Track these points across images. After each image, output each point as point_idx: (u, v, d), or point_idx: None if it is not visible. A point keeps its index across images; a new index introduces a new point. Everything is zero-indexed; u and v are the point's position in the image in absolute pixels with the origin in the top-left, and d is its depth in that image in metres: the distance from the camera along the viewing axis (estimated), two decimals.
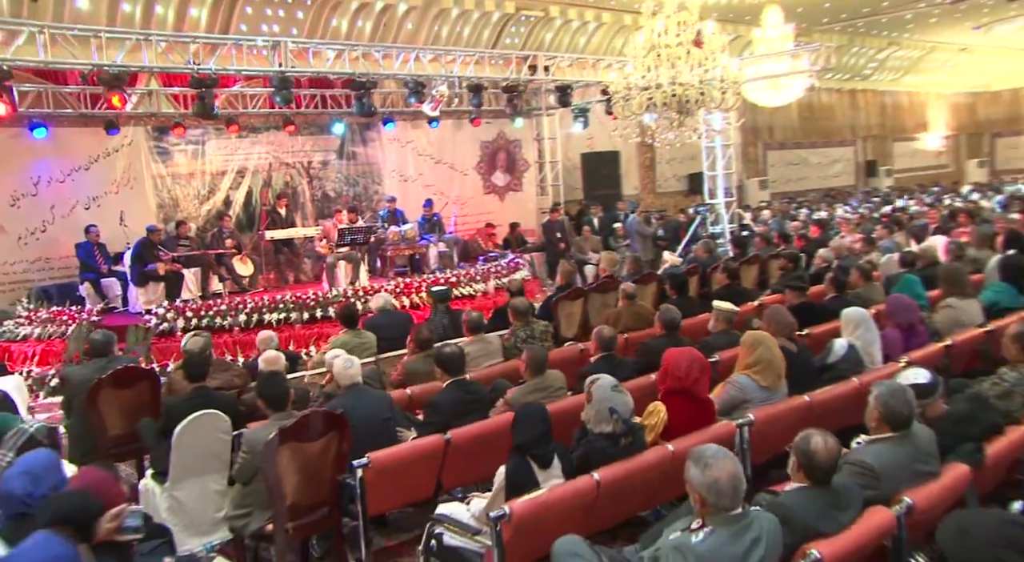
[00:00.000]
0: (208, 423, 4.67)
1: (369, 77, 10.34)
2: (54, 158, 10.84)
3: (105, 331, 6.02)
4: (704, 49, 7.43)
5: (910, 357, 5.36)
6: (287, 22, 12.06)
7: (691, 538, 2.58)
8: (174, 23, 11.02)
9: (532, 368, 4.97)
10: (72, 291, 10.72)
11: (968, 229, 10.37)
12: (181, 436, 4.59)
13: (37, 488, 3.16)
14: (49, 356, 9.31)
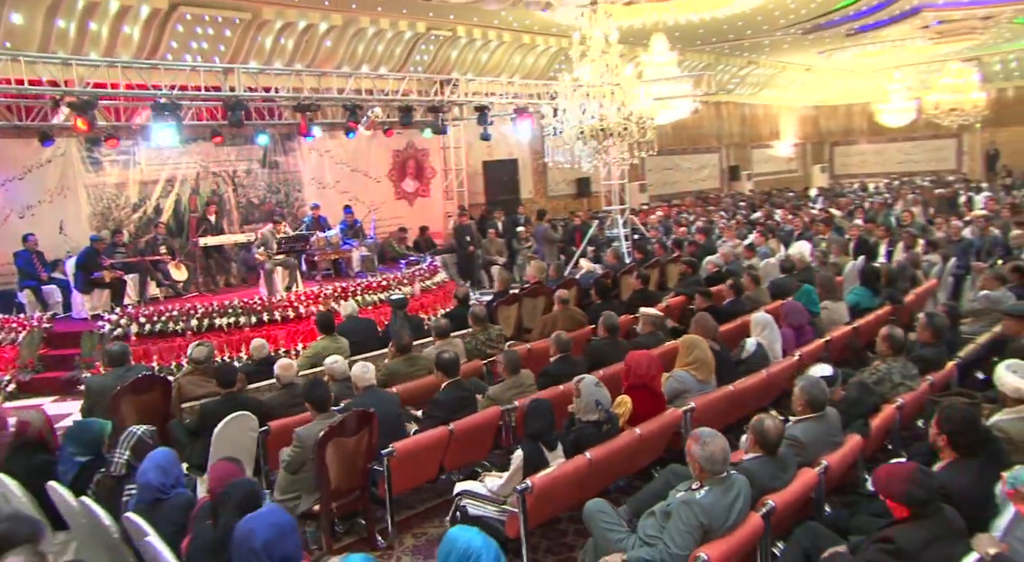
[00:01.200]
0: (241, 422, 5.44)
1: (313, 101, 11.00)
2: None
3: (121, 343, 6.62)
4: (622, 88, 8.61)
5: (801, 352, 6.74)
6: (215, 39, 12.47)
7: (695, 495, 3.67)
8: (108, 39, 11.28)
9: (509, 368, 5.99)
10: (11, 298, 10.86)
11: (826, 235, 12.13)
12: (220, 433, 5.34)
13: (167, 479, 3.97)
14: (1, 363, 9.50)
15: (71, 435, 4.61)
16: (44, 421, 4.80)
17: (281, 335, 10.25)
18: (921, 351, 5.85)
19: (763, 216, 15.69)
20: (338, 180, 14.98)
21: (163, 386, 6.27)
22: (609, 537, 3.86)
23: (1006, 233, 10.49)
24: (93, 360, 9.65)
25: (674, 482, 4.45)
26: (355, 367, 5.61)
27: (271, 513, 3.11)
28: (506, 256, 15.48)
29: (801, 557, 3.57)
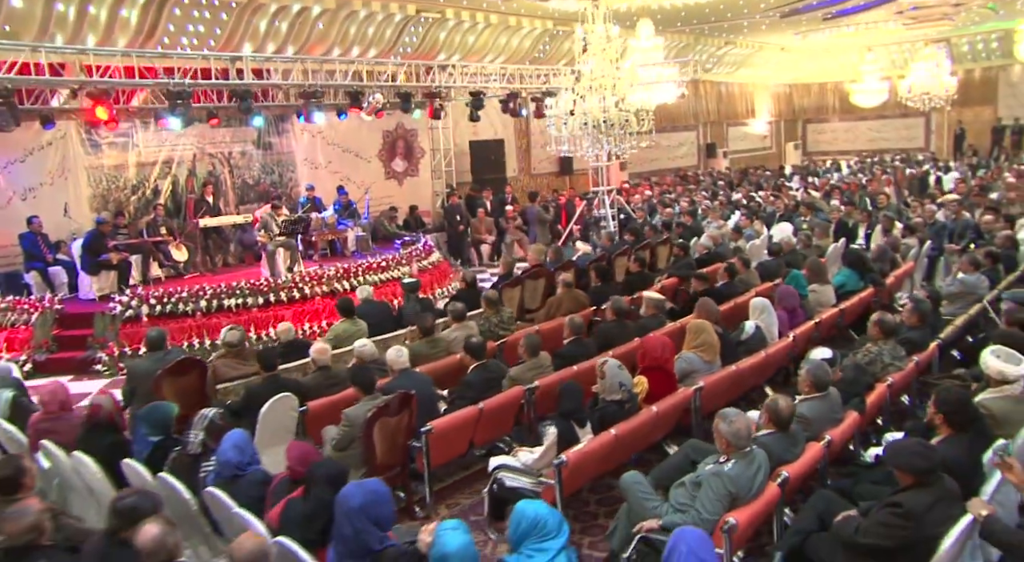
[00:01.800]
0: (284, 403, 5.83)
1: (318, 88, 11.26)
2: None
3: (159, 328, 6.94)
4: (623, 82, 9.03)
5: (794, 333, 7.27)
6: (211, 23, 12.62)
7: (723, 468, 4.15)
8: (106, 23, 11.39)
9: (529, 351, 6.44)
10: (17, 280, 11.05)
11: (808, 218, 12.69)
12: (266, 413, 5.73)
13: (243, 457, 4.38)
14: (15, 343, 9.76)
15: (143, 417, 4.99)
16: (113, 404, 5.16)
17: (287, 315, 10.58)
18: (908, 334, 6.38)
19: (743, 197, 16.23)
20: (330, 160, 15.24)
21: (200, 368, 6.62)
22: (646, 505, 4.34)
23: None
24: (106, 340, 9.95)
25: (693, 455, 4.96)
26: (390, 351, 6.02)
27: (370, 482, 3.54)
28: (495, 234, 15.89)
29: (815, 520, 4.07)
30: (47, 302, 10.32)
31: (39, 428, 5.30)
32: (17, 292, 10.90)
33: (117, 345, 9.86)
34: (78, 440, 5.06)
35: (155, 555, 3.18)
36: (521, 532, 3.40)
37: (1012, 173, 16.63)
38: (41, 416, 5.37)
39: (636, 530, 4.25)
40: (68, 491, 5.35)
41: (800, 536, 4.05)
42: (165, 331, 6.89)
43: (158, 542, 3.19)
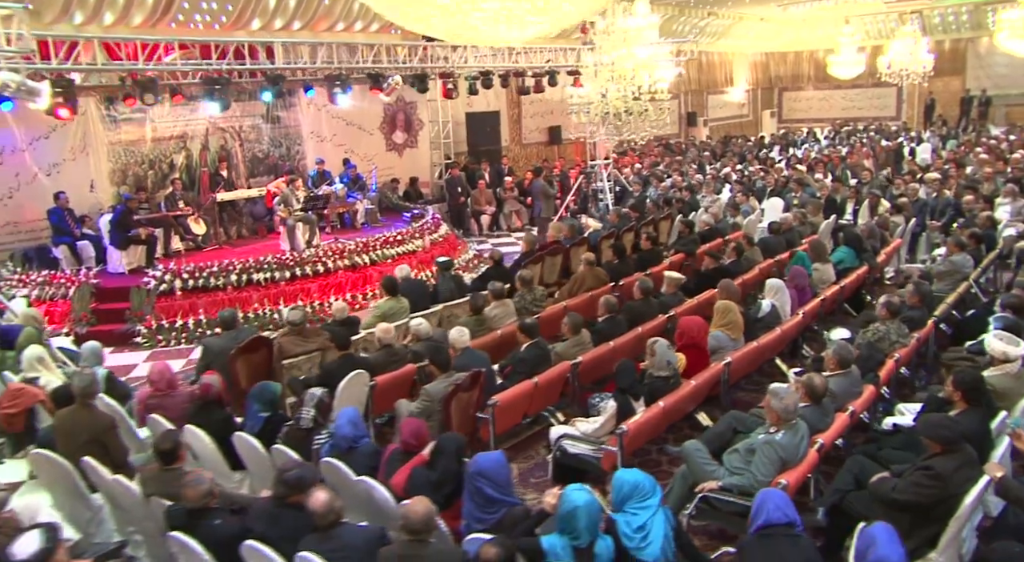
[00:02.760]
0: (359, 379, 6.43)
1: (343, 72, 11.65)
2: (16, 128, 11.31)
3: (231, 309, 7.46)
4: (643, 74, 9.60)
5: (803, 310, 8.01)
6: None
7: (775, 437, 4.86)
8: (124, 2, 11.58)
9: (572, 329, 7.11)
10: (46, 254, 11.42)
11: (798, 195, 13.43)
12: (344, 388, 6.32)
13: (357, 431, 5.00)
14: (55, 316, 10.18)
15: (255, 395, 5.58)
16: (220, 383, 5.73)
17: (314, 288, 11.15)
18: (909, 313, 7.14)
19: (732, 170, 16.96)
20: (335, 133, 15.62)
21: (267, 346, 7.18)
22: (705, 469, 5.05)
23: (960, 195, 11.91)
24: (143, 314, 10.42)
25: (735, 424, 5.69)
26: (453, 331, 6.64)
27: (496, 453, 4.21)
28: (494, 205, 16.45)
29: (852, 481, 4.81)
30: (83, 276, 10.73)
31: (148, 404, 5.86)
32: (47, 266, 11.31)
33: (154, 318, 10.34)
34: (190, 416, 5.63)
35: (326, 516, 3.81)
36: (623, 495, 4.08)
37: (983, 148, 17.50)
38: (150, 392, 5.92)
39: (698, 490, 4.97)
40: None
41: (840, 494, 4.79)
42: (235, 310, 7.41)
43: (328, 506, 3.82)
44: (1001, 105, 25.78)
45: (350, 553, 3.75)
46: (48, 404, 6.46)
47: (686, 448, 5.22)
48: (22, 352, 7.00)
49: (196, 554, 4.07)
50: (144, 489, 4.68)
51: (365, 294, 11.36)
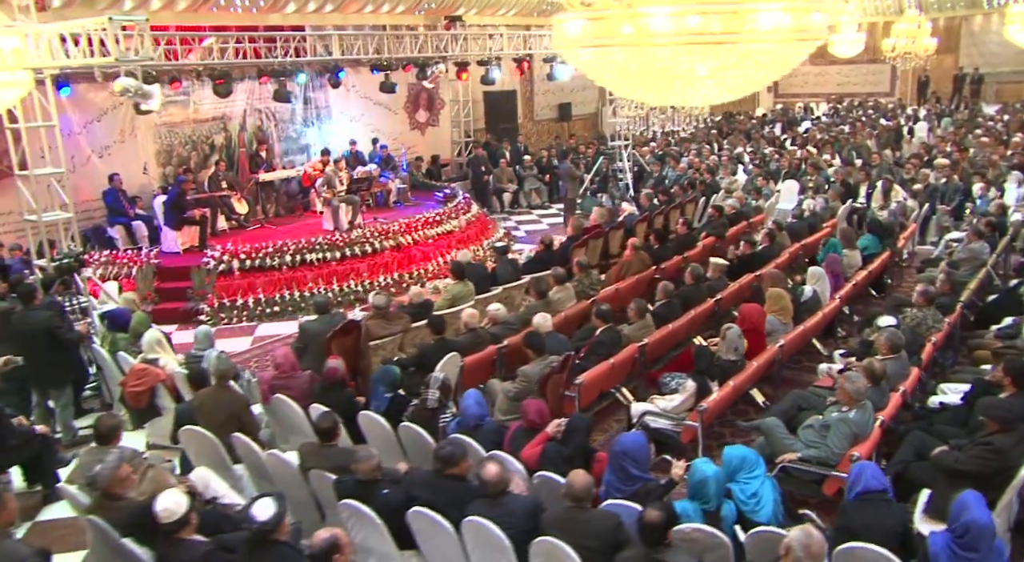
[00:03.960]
0: (454, 361, 7.08)
1: (392, 61, 12.14)
2: (71, 112, 11.71)
3: (323, 294, 8.09)
4: None
5: (840, 295, 8.75)
6: None
7: (848, 415, 5.59)
8: None
9: (638, 313, 7.79)
10: (101, 234, 11.90)
11: (813, 179, 14.13)
12: (441, 369, 6.97)
13: (482, 410, 5.68)
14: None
15: (379, 377, 6.25)
16: (343, 366, 6.36)
17: (363, 268, 11.74)
18: (940, 300, 7.88)
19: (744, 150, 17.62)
20: (363, 113, 16.10)
21: (358, 329, 7.80)
22: (784, 442, 5.78)
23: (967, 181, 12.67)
24: (205, 293, 10.98)
25: (800, 402, 6.43)
26: (537, 317, 7.31)
27: (638, 434, 4.91)
28: (516, 183, 17.03)
29: (913, 454, 5.56)
30: (144, 256, 11.24)
31: (273, 385, 6.48)
32: (103, 245, 11.80)
33: (216, 297, 10.90)
34: (316, 396, 6.26)
35: (497, 485, 4.47)
36: (734, 468, 4.80)
37: (983, 130, 18.27)
38: (275, 374, 6.54)
39: (779, 461, 5.70)
40: (291, 434, 6.60)
41: (902, 464, 5.54)
42: (328, 296, 8.02)
43: (499, 476, 4.49)
44: (993, 82, 26.56)
45: (513, 519, 4.43)
46: (169, 383, 7.11)
47: (766, 424, 5.95)
48: (137, 334, 7.58)
49: (369, 519, 4.74)
50: (303, 463, 5.32)
51: (411, 273, 11.97)
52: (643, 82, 3.41)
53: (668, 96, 3.63)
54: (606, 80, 3.75)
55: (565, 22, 3.44)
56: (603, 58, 3.38)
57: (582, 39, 3.35)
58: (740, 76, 3.36)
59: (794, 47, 3.30)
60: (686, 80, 3.23)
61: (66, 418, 7.46)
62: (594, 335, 7.63)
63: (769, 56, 3.23)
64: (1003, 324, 7.97)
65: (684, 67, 3.13)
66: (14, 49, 6.77)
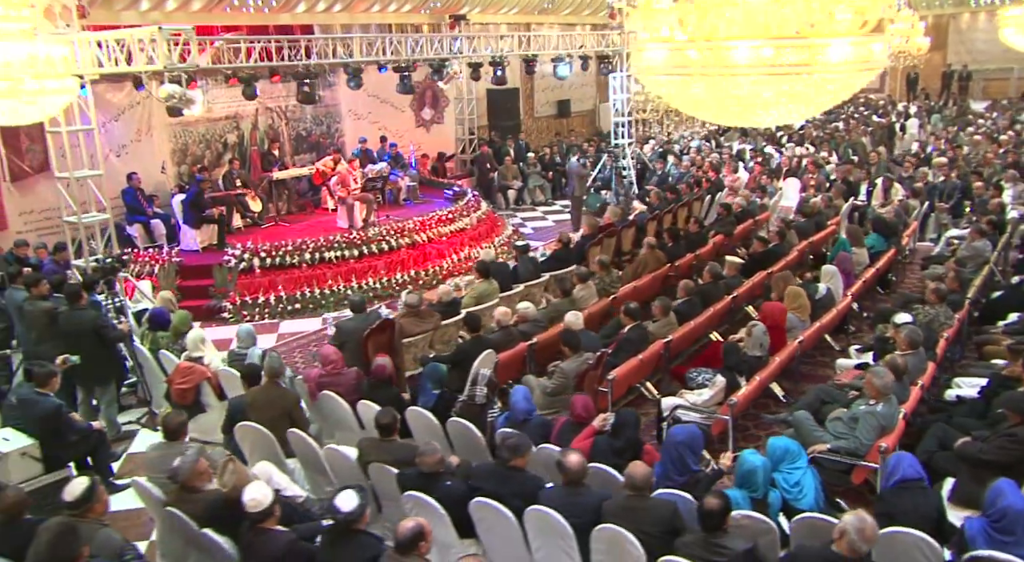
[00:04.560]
0: (489, 358, 7.36)
1: (409, 61, 12.36)
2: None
3: (360, 294, 8.32)
4: None
5: (851, 292, 9.09)
6: None
7: (875, 408, 5.91)
8: None
9: (663, 311, 8.09)
10: (120, 232, 12.03)
11: (814, 176, 14.48)
12: (477, 367, 7.25)
13: (529, 406, 5.96)
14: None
15: (428, 374, 6.51)
16: (390, 364, 6.63)
17: (380, 265, 11.98)
18: (950, 297, 8.23)
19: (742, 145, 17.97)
20: (370, 111, 16.29)
21: (392, 327, 8.06)
22: (814, 434, 6.11)
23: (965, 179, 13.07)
24: (227, 290, 11.19)
25: (823, 397, 6.76)
26: (569, 315, 7.60)
27: (693, 428, 5.22)
28: (521, 180, 17.30)
29: (936, 445, 5.90)
30: (166, 254, 11.43)
31: (321, 382, 6.73)
32: (122, 244, 11.93)
33: (238, 294, 11.12)
34: (364, 393, 6.53)
35: (578, 473, 4.76)
36: (777, 458, 5.12)
37: (975, 128, 18.71)
38: (322, 372, 6.79)
39: (810, 452, 6.01)
40: (337, 430, 6.87)
41: (927, 454, 5.87)
42: (364, 295, 8.25)
43: (581, 465, 4.78)
44: (980, 79, 27.08)
45: (583, 508, 4.71)
46: (213, 381, 7.34)
47: (796, 417, 6.28)
48: (179, 332, 7.81)
49: (432, 509, 5.01)
50: (362, 457, 5.59)
51: (426, 270, 12.23)
52: (718, 106, 3.70)
53: (741, 119, 3.91)
54: (682, 103, 4.03)
55: (647, 50, 3.72)
56: (681, 84, 3.67)
57: (663, 68, 3.63)
58: (809, 100, 3.65)
59: (859, 74, 3.62)
60: (760, 104, 3.51)
61: (111, 414, 7.69)
62: (620, 332, 7.93)
63: (837, 83, 3.54)
64: (1009, 320, 8.34)
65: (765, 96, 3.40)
66: (63, 57, 6.95)
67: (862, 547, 4.01)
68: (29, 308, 7.67)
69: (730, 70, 3.44)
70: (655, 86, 4.01)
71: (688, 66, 3.58)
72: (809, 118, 24.46)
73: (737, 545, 4.28)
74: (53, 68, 6.84)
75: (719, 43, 3.48)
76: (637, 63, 3.94)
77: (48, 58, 6.68)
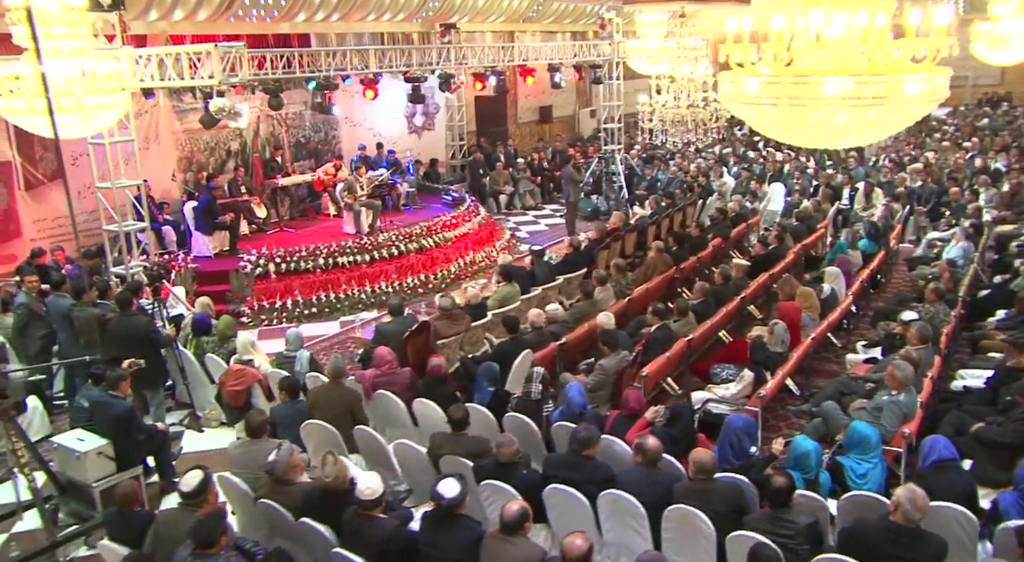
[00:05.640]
0: (528, 357, 7.78)
1: (422, 71, 12.73)
2: None
3: (399, 296, 8.68)
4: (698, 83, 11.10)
5: (851, 292, 9.70)
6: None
7: (898, 398, 6.47)
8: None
9: (681, 311, 8.60)
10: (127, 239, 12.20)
11: (799, 181, 15.17)
12: (517, 366, 7.67)
13: (584, 400, 6.40)
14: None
15: (484, 373, 6.91)
16: (445, 363, 7.02)
17: (391, 269, 12.33)
18: (947, 295, 8.87)
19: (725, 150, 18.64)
20: (365, 118, 16.59)
21: (428, 329, 8.44)
22: (840, 423, 6.65)
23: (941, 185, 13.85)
24: (244, 295, 11.44)
25: (841, 388, 7.33)
26: (601, 316, 8.06)
27: (747, 417, 5.70)
28: (512, 185, 17.75)
29: (953, 431, 6.47)
30: (182, 260, 11.65)
31: (376, 382, 7.10)
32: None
33: (255, 299, 11.38)
34: (419, 391, 6.91)
35: (656, 454, 5.22)
36: (853, 443, 5.67)
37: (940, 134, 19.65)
38: (377, 372, 7.15)
39: (839, 438, 6.55)
40: (391, 427, 7.23)
41: None
42: (402, 298, 8.63)
43: (659, 447, 5.24)
44: None
45: (660, 486, 5.18)
46: (264, 383, 7.66)
47: (825, 407, 6.83)
48: (224, 337, 8.10)
49: (509, 496, 5.42)
50: (434, 451, 5.97)
51: (434, 274, 12.61)
52: (800, 131, 4.19)
53: (819, 141, 4.40)
54: (763, 126, 4.51)
55: (738, 82, 4.19)
56: (765, 111, 4.15)
57: (754, 97, 4.11)
58: (882, 126, 4.16)
59: (929, 104, 4.14)
60: (838, 130, 4.01)
61: (160, 416, 7.95)
62: (641, 331, 8.43)
63: (907, 114, 4.05)
64: (998, 316, 9.00)
65: (841, 122, 3.90)
66: (117, 72, 7.21)
67: (915, 515, 4.51)
68: (79, 314, 7.91)
69: (818, 101, 3.92)
70: (739, 111, 4.49)
71: (778, 96, 4.05)
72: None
73: (801, 520, 4.77)
74: (108, 82, 7.10)
75: (812, 78, 3.95)
76: (725, 91, 4.41)
77: (108, 74, 6.95)
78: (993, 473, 5.99)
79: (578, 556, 4.21)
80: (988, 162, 15.26)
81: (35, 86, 6.98)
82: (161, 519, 4.92)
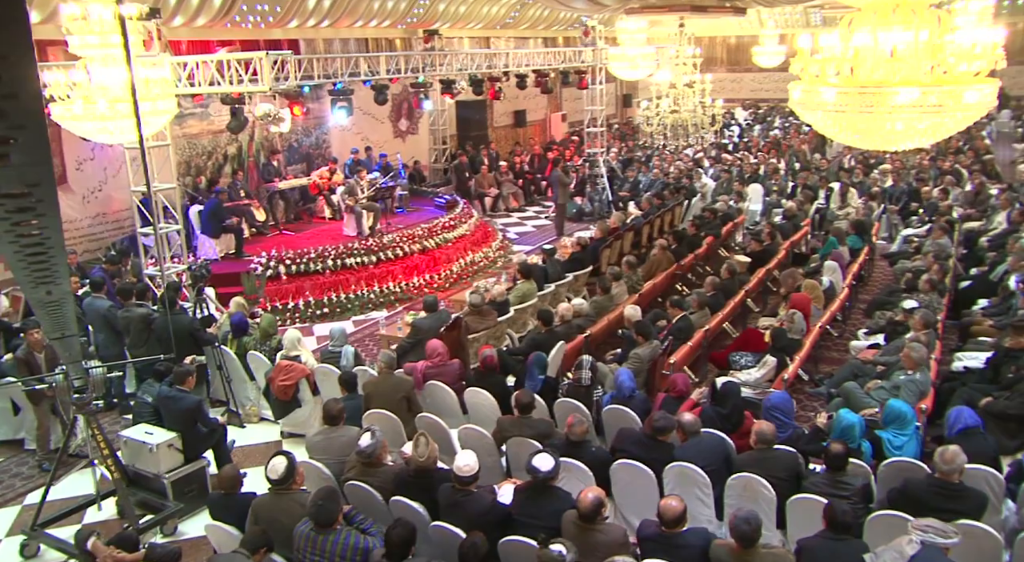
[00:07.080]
0: (562, 348, 8.23)
1: (425, 78, 13.07)
2: None
3: (433, 295, 9.02)
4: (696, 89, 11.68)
5: (845, 285, 10.38)
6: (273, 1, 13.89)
7: (914, 377, 7.08)
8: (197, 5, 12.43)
9: (700, 304, 9.15)
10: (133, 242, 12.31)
11: (777, 183, 15.91)
12: (554, 355, 8.11)
13: (633, 384, 6.87)
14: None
15: (536, 362, 7.32)
16: (497, 354, 7.42)
17: (397, 270, 12.66)
18: (938, 285, 9.58)
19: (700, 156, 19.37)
20: (354, 122, 16.84)
21: (460, 324, 8.83)
22: (863, 401, 7.24)
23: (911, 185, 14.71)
24: (256, 297, 11.64)
25: (855, 370, 7.94)
26: (628, 308, 8.55)
27: (784, 393, 6.22)
28: (497, 188, 18.18)
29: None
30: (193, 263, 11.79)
31: (427, 373, 7.46)
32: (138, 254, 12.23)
33: (267, 300, 11.60)
34: (471, 381, 7.31)
35: (695, 426, 5.71)
36: (890, 418, 6.20)
37: None
38: (428, 364, 7.52)
39: (863, 414, 7.12)
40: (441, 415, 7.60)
41: None
42: (436, 296, 8.99)
43: (697, 421, 5.73)
44: None
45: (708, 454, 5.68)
46: (311, 378, 7.96)
47: (846, 387, 7.41)
48: (266, 334, 8.38)
49: (579, 471, 5.87)
50: (501, 433, 6.38)
51: (438, 274, 12.98)
52: (861, 134, 4.73)
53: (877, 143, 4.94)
54: (829, 130, 5.04)
55: (811, 91, 4.71)
56: (835, 117, 4.68)
57: (829, 104, 4.64)
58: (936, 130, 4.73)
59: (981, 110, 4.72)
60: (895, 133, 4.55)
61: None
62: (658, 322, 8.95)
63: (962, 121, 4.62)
64: (982, 305, 9.75)
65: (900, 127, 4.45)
66: (164, 78, 7.46)
67: (944, 467, 5.08)
68: (125, 315, 8.12)
69: (886, 109, 4.46)
70: (809, 116, 5.01)
71: (848, 105, 4.58)
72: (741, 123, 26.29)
73: (856, 482, 5.31)
74: (159, 88, 7.35)
75: (883, 89, 4.49)
76: (796, 98, 4.93)
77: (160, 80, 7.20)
78: (1004, 442, 6.64)
79: (674, 516, 4.66)
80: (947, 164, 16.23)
81: (89, 93, 7.20)
82: (257, 503, 5.23)
